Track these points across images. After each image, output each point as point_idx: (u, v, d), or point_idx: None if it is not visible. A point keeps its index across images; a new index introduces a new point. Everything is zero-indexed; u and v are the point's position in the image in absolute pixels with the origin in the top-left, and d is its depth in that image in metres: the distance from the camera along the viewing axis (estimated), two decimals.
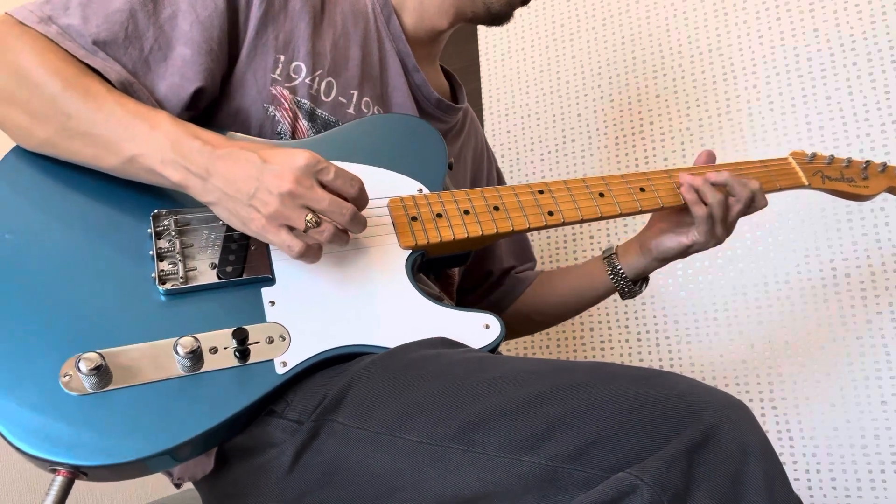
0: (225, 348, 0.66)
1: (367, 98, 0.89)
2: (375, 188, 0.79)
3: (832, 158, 1.01)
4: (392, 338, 0.70)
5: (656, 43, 1.58)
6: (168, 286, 0.68)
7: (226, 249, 0.71)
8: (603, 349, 1.55)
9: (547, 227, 0.84)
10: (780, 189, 0.96)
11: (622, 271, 0.99)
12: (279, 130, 0.82)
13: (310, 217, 0.66)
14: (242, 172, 0.66)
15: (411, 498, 0.59)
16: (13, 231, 0.68)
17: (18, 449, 0.59)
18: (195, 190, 0.68)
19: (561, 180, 0.86)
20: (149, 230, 0.71)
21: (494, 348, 0.72)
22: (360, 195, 0.69)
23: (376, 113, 0.89)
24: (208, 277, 0.70)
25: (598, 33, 1.65)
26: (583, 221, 0.85)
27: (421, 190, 0.82)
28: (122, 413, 0.61)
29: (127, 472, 0.62)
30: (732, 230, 0.92)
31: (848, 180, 1.01)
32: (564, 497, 0.52)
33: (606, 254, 1.02)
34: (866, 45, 1.38)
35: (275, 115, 0.82)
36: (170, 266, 0.69)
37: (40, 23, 0.72)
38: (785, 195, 1.37)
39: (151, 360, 0.64)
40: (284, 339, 0.68)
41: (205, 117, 0.81)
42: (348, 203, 0.68)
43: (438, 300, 0.75)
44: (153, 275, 0.68)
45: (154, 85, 0.75)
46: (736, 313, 1.43)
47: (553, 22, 1.71)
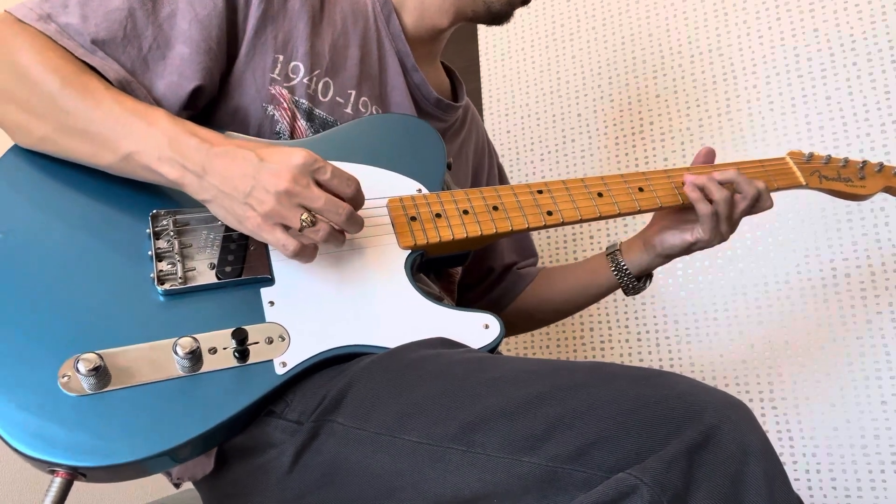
0: (224, 349, 0.66)
1: (366, 98, 0.89)
2: (374, 188, 0.79)
3: (829, 158, 1.01)
4: (392, 338, 0.70)
5: (656, 43, 1.58)
6: (167, 286, 0.67)
7: (225, 249, 0.71)
8: (603, 349, 1.55)
9: (546, 227, 0.84)
10: (778, 189, 0.96)
11: (626, 267, 0.99)
12: (278, 130, 0.82)
13: (305, 216, 0.65)
14: (239, 170, 0.66)
15: (411, 498, 0.59)
16: (12, 230, 0.68)
17: (17, 450, 0.59)
18: (191, 187, 0.68)
19: (560, 180, 0.86)
20: (147, 230, 0.71)
21: (494, 348, 0.72)
22: (357, 195, 0.69)
23: (374, 112, 0.89)
24: (207, 278, 0.69)
25: (598, 33, 1.65)
26: (582, 221, 0.85)
27: (420, 190, 0.81)
28: (121, 414, 0.61)
29: (126, 474, 0.62)
30: (736, 228, 0.92)
31: (845, 180, 1.01)
32: (564, 497, 0.52)
33: (610, 250, 1.02)
34: (866, 45, 1.37)
35: (273, 115, 0.82)
36: (168, 266, 0.69)
37: (39, 21, 0.72)
38: (785, 195, 1.36)
39: (150, 361, 0.64)
40: (284, 340, 0.68)
41: (204, 116, 0.81)
42: (344, 203, 0.67)
43: (438, 300, 0.75)
44: (152, 275, 0.68)
45: (152, 83, 0.75)
46: (736, 313, 1.43)
47: (553, 22, 1.71)
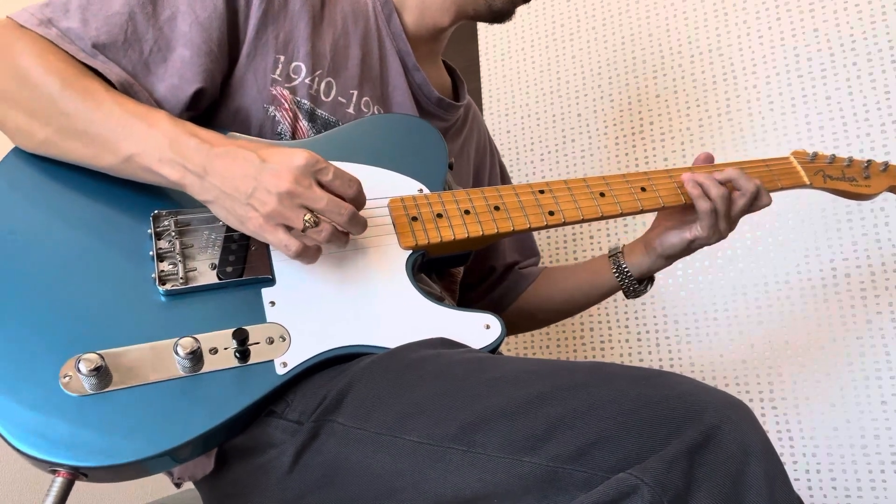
0: (225, 349, 0.66)
1: (367, 98, 0.89)
2: (376, 188, 0.79)
3: (833, 158, 1.01)
4: (392, 338, 0.70)
5: (656, 43, 1.58)
6: (168, 287, 0.67)
7: (226, 250, 0.71)
8: (603, 349, 1.55)
9: (548, 227, 0.84)
10: (782, 188, 0.96)
11: (627, 270, 1.00)
12: (279, 131, 0.82)
13: (308, 217, 0.65)
14: (240, 171, 0.66)
15: (411, 498, 0.59)
16: (14, 231, 0.68)
17: (18, 450, 0.59)
18: (193, 188, 0.68)
19: (562, 180, 0.86)
20: (149, 231, 0.71)
21: (495, 348, 0.72)
22: (359, 196, 0.69)
23: (376, 112, 0.89)
24: (208, 278, 0.69)
25: (598, 33, 1.65)
26: (584, 221, 0.85)
27: (421, 190, 0.81)
28: (122, 414, 0.61)
29: (127, 474, 0.62)
30: (735, 226, 0.92)
31: (849, 180, 1.01)
32: (565, 497, 0.52)
33: (612, 252, 1.02)
34: (866, 45, 1.37)
35: (275, 116, 0.82)
36: (170, 266, 0.69)
37: (40, 25, 0.72)
38: (785, 195, 1.36)
39: (151, 361, 0.64)
40: (284, 340, 0.68)
41: (205, 118, 0.81)
42: (346, 203, 0.67)
43: (439, 300, 0.75)
44: (153, 275, 0.68)
45: (153, 86, 0.75)
46: (736, 313, 1.43)
47: (553, 22, 1.71)
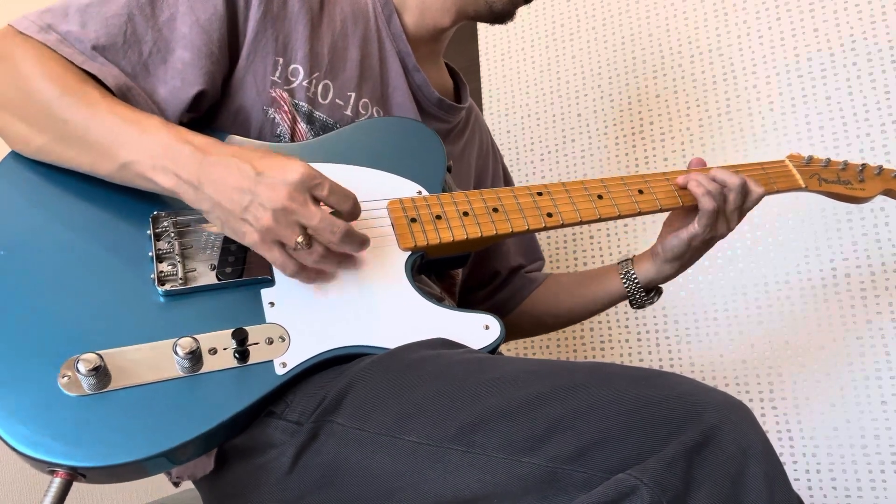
0: (224, 349, 0.66)
1: (366, 99, 0.89)
2: (375, 190, 0.79)
3: (828, 161, 1.02)
4: (392, 339, 0.70)
5: (656, 43, 1.58)
6: (167, 287, 0.68)
7: (225, 251, 0.71)
8: (603, 349, 1.55)
9: (546, 229, 0.84)
10: (778, 191, 0.97)
11: (635, 277, 0.99)
12: (278, 133, 0.82)
13: (301, 239, 0.66)
14: (235, 183, 0.65)
15: (411, 499, 0.59)
16: (12, 232, 0.68)
17: (16, 450, 0.59)
18: (187, 197, 0.67)
19: (559, 182, 0.86)
20: (148, 232, 0.71)
21: (494, 349, 0.72)
22: (354, 211, 0.69)
23: (375, 114, 0.89)
24: (208, 279, 0.70)
25: (598, 33, 1.65)
26: (581, 223, 0.85)
27: (420, 192, 0.81)
28: (121, 414, 0.61)
29: (125, 474, 0.62)
30: (734, 223, 0.92)
31: (844, 183, 1.01)
32: (564, 498, 0.52)
33: (622, 260, 1.02)
34: (866, 45, 1.37)
35: (274, 118, 0.82)
36: (169, 267, 0.69)
37: (40, 32, 0.72)
38: (784, 195, 1.37)
39: (150, 361, 0.64)
40: (284, 340, 0.68)
41: (206, 119, 0.82)
42: (340, 221, 0.67)
43: (439, 300, 0.75)
44: (152, 276, 0.68)
45: (154, 88, 0.75)
46: (736, 313, 1.43)
47: (553, 22, 1.71)
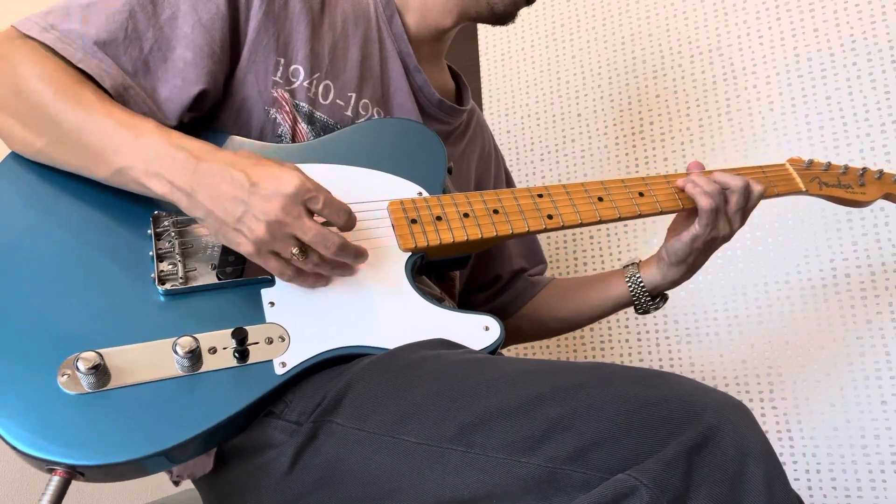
0: (224, 348, 0.66)
1: (367, 100, 0.89)
2: (375, 191, 0.79)
3: (829, 165, 1.01)
4: (391, 339, 0.70)
5: (656, 43, 1.58)
6: (167, 286, 0.68)
7: (225, 250, 0.71)
8: (603, 349, 1.55)
9: (546, 231, 0.84)
10: (778, 195, 0.97)
11: (641, 281, 0.99)
12: (279, 133, 0.82)
13: (296, 251, 0.66)
14: (229, 192, 0.65)
15: (410, 499, 0.59)
16: (12, 231, 0.68)
17: (15, 448, 0.59)
18: (181, 204, 0.67)
19: (560, 184, 0.86)
20: (149, 231, 0.71)
21: (494, 350, 0.72)
22: (349, 224, 0.69)
23: (375, 114, 0.89)
24: (208, 278, 0.70)
25: (598, 33, 1.65)
26: (582, 225, 0.85)
27: (420, 193, 0.82)
28: (120, 413, 0.61)
29: (124, 473, 0.62)
30: (737, 224, 0.92)
31: (845, 186, 1.01)
32: (563, 498, 0.52)
33: (627, 264, 1.02)
34: (866, 45, 1.37)
35: (276, 118, 0.82)
36: (169, 266, 0.69)
37: (42, 31, 0.71)
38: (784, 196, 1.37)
39: (150, 360, 0.64)
40: (284, 340, 0.68)
41: (208, 119, 0.82)
42: (335, 235, 0.67)
43: (439, 301, 0.75)
44: (153, 275, 0.68)
45: (154, 87, 0.75)
46: (736, 313, 1.43)
47: (553, 22, 1.71)
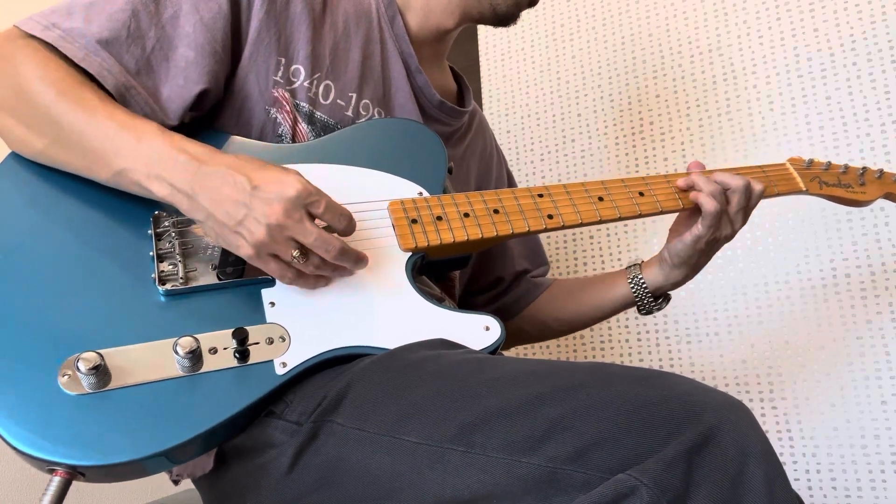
0: (225, 349, 0.66)
1: (367, 100, 0.89)
2: (375, 191, 0.79)
3: (829, 164, 1.01)
4: (392, 339, 0.70)
5: (656, 43, 1.58)
6: (168, 287, 0.68)
7: (226, 250, 0.71)
8: (603, 349, 1.55)
9: (547, 231, 0.84)
10: (779, 194, 0.97)
11: (643, 282, 0.99)
12: (280, 133, 0.82)
13: (297, 254, 0.66)
14: (230, 196, 0.65)
15: (410, 499, 0.59)
16: (13, 231, 0.68)
17: (16, 448, 0.59)
18: (182, 206, 0.67)
19: (560, 184, 0.87)
20: (149, 231, 0.71)
21: (494, 350, 0.72)
22: (349, 229, 0.69)
23: (376, 115, 0.90)
24: (208, 278, 0.70)
25: (598, 33, 1.65)
26: (582, 225, 0.85)
27: (421, 193, 0.82)
28: (121, 413, 0.61)
29: (125, 473, 0.62)
30: (738, 224, 0.92)
31: (845, 186, 1.01)
32: (564, 498, 0.52)
33: (630, 265, 1.02)
34: (866, 45, 1.37)
35: (276, 118, 0.82)
36: (170, 267, 0.69)
37: (44, 30, 0.71)
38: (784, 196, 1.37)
39: (150, 361, 0.64)
40: (284, 340, 0.68)
41: (209, 118, 0.82)
42: (336, 239, 0.67)
43: (439, 301, 0.75)
44: (153, 275, 0.68)
45: (156, 86, 0.75)
46: (736, 313, 1.43)
47: (553, 22, 1.71)
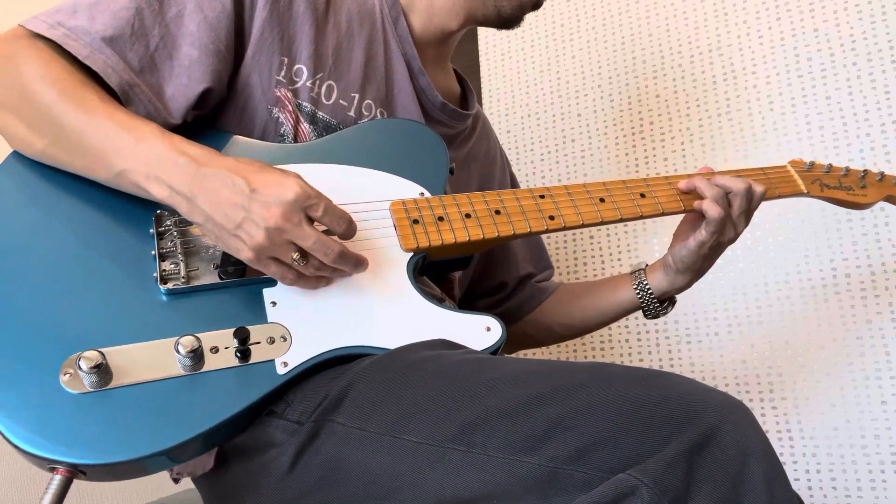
0: (226, 348, 0.66)
1: (370, 101, 0.89)
2: (377, 191, 0.79)
3: (830, 167, 1.01)
4: (393, 339, 0.70)
5: (656, 43, 1.58)
6: (169, 286, 0.68)
7: None
8: (603, 349, 1.56)
9: (548, 232, 0.84)
10: (780, 196, 0.97)
11: (648, 287, 0.99)
12: (282, 132, 0.82)
13: (296, 255, 0.66)
14: (229, 198, 0.65)
15: (411, 498, 0.59)
16: (15, 230, 0.68)
17: (17, 447, 0.59)
18: (181, 209, 0.67)
19: (562, 185, 0.87)
20: (151, 230, 0.71)
21: (496, 351, 0.72)
22: (349, 232, 0.69)
23: (378, 115, 0.90)
24: (210, 277, 0.70)
25: (598, 33, 1.65)
26: (583, 226, 0.86)
27: (422, 193, 0.82)
28: (122, 412, 0.61)
29: (125, 472, 0.63)
30: (741, 227, 0.92)
31: (846, 189, 1.01)
32: (564, 498, 0.52)
33: (634, 269, 1.02)
34: (866, 45, 1.38)
35: (278, 118, 0.82)
36: (172, 266, 0.69)
37: (49, 29, 0.71)
38: None
39: (152, 360, 0.64)
40: (286, 340, 0.68)
41: (212, 117, 0.82)
42: (335, 243, 0.67)
43: (440, 301, 0.75)
44: (155, 274, 0.68)
45: (160, 84, 0.75)
46: (736, 313, 1.43)
47: (553, 22, 1.71)
